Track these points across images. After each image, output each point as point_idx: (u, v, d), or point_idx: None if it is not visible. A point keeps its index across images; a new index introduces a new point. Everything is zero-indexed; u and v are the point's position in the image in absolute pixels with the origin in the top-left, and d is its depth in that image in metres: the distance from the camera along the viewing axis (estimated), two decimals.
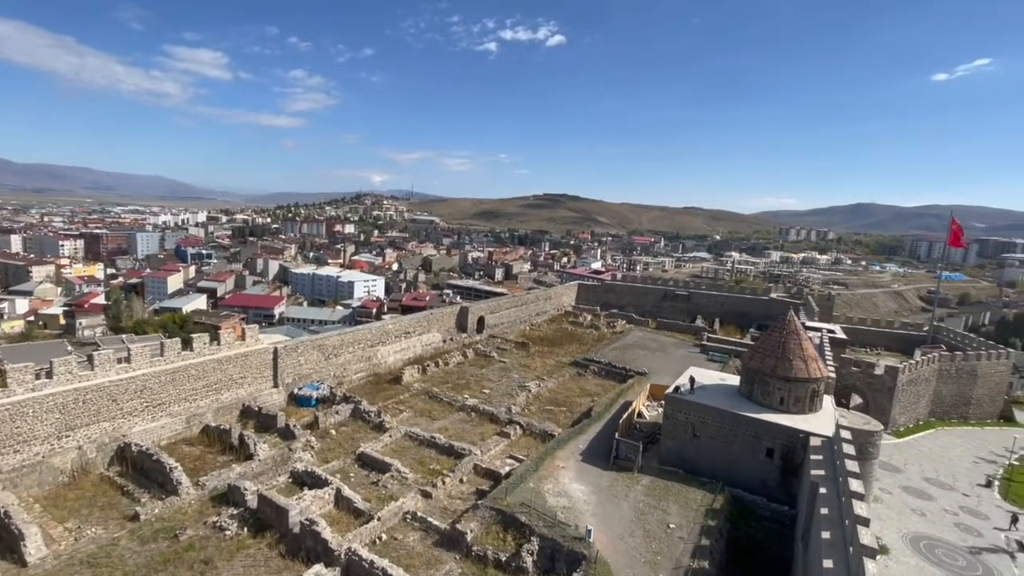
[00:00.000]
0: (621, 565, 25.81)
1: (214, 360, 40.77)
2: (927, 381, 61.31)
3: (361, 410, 43.27)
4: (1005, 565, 35.00)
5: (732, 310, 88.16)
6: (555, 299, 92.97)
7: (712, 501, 32.05)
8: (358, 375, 53.42)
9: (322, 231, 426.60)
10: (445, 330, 67.72)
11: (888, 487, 43.88)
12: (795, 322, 38.66)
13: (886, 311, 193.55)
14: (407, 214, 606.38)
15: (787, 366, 35.95)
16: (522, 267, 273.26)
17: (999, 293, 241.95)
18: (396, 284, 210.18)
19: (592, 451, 37.77)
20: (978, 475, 49.41)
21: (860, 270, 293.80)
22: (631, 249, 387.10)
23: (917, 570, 33.24)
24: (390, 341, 58.42)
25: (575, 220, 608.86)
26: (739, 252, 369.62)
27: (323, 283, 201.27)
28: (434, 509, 30.96)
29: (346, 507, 29.88)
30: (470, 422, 44.54)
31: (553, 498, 31.01)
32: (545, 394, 51.65)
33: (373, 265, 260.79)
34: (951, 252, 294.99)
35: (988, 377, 65.09)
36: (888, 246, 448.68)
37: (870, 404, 55.36)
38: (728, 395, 38.67)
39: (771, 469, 33.99)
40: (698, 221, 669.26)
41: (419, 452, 38.23)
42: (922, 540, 36.72)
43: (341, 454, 37.19)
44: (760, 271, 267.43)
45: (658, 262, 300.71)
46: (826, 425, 33.84)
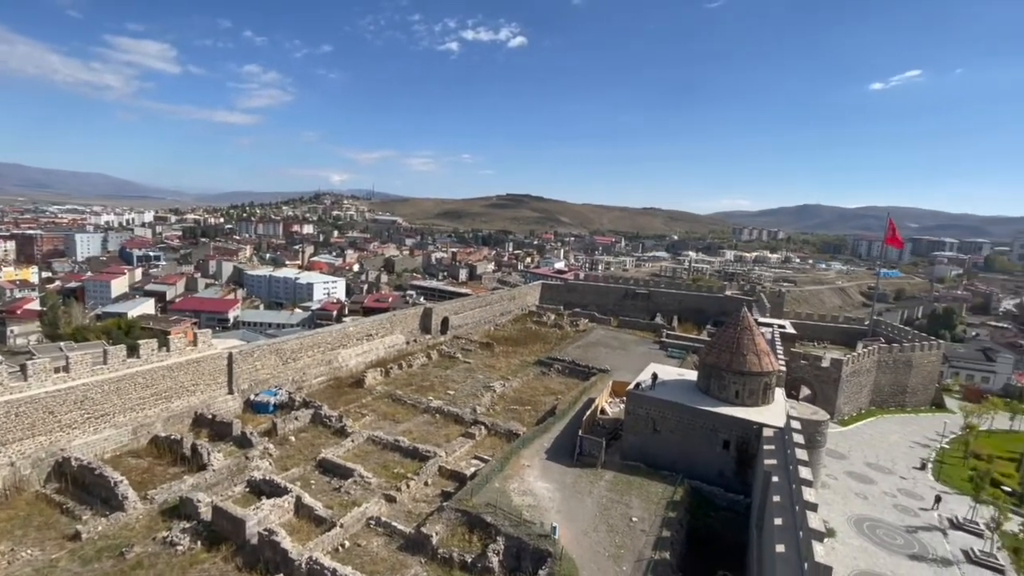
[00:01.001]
0: (586, 560, 26.24)
1: (163, 367, 38.85)
2: (868, 372, 65.18)
3: (322, 415, 42.20)
4: (938, 541, 37.67)
5: (690, 307, 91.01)
6: (519, 299, 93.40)
7: (672, 493, 33.02)
8: (318, 379, 52.07)
9: (279, 231, 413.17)
10: (408, 332, 66.91)
11: (834, 473, 46.38)
12: (748, 318, 40.31)
13: (831, 307, 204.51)
14: (368, 214, 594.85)
15: (741, 361, 37.45)
16: (486, 267, 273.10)
17: (930, 288, 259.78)
18: (357, 286, 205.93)
19: (557, 449, 38.19)
20: (914, 459, 52.96)
21: (807, 268, 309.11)
22: (593, 249, 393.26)
23: (861, 550, 35.29)
24: (351, 344, 57.23)
25: (538, 220, 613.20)
26: (696, 252, 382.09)
27: (280, 285, 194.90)
28: (399, 513, 30.57)
29: (307, 515, 29.10)
30: (435, 424, 44.19)
31: (519, 497, 31.18)
32: (510, 394, 51.83)
33: (333, 266, 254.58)
34: (888, 250, 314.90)
35: (922, 367, 69.85)
36: (832, 245, 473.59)
37: (817, 395, 58.36)
38: (686, 390, 39.93)
39: (727, 460, 35.32)
40: (657, 221, 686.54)
41: (382, 456, 37.63)
42: (865, 522, 39.02)
43: (301, 461, 36.16)
44: (716, 270, 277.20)
45: (619, 261, 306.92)
46: (778, 416, 35.43)
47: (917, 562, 34.68)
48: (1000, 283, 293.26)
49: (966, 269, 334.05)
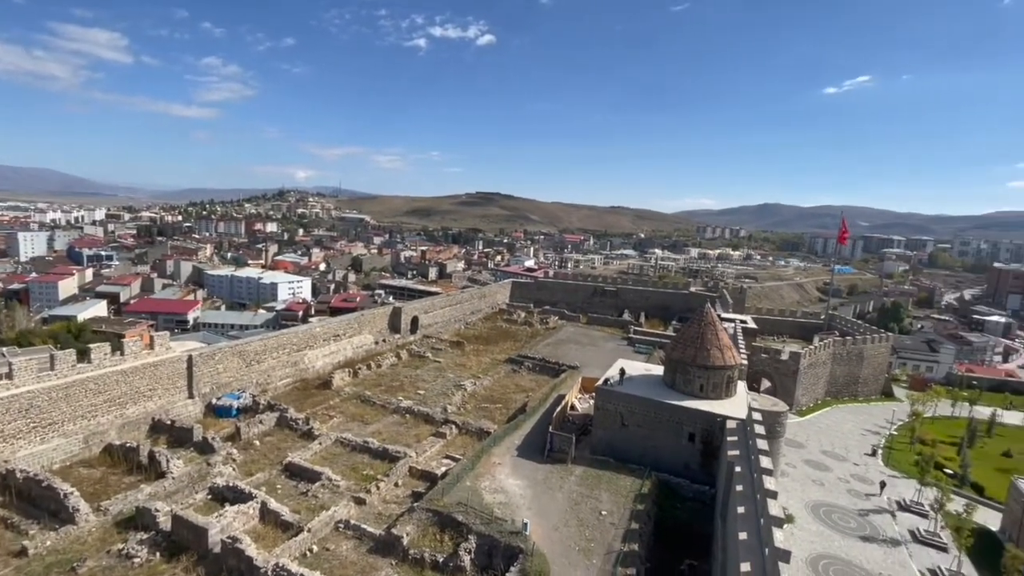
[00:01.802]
0: (557, 555, 26.58)
1: (117, 372, 37.15)
2: (824, 364, 68.15)
3: (288, 418, 41.24)
4: (887, 523, 39.82)
5: (656, 304, 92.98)
6: (489, 297, 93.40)
7: (640, 486, 33.77)
8: (284, 381, 50.81)
9: (241, 230, 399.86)
10: (377, 331, 66.00)
11: (793, 461, 48.36)
12: (711, 314, 41.53)
13: (790, 302, 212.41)
14: (335, 212, 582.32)
15: (705, 355, 38.57)
16: (456, 266, 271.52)
17: (880, 284, 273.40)
18: (324, 285, 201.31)
19: (527, 446, 38.47)
20: (865, 445, 55.73)
21: (768, 265, 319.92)
22: (563, 247, 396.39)
23: (817, 534, 36.96)
24: (318, 345, 56.05)
25: (508, 218, 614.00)
26: (662, 249, 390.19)
27: (243, 285, 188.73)
28: (368, 515, 30.21)
29: (273, 521, 28.41)
30: (405, 424, 43.81)
31: (490, 495, 31.28)
32: (481, 392, 51.84)
33: (298, 265, 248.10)
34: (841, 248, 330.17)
35: (873, 358, 73.52)
36: (791, 243, 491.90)
37: (777, 387, 60.64)
38: (653, 385, 40.86)
39: (693, 452, 36.35)
40: (625, 220, 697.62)
41: (351, 458, 37.07)
42: (821, 507, 40.86)
43: (266, 465, 35.26)
44: (681, 267, 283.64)
45: (588, 259, 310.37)
46: (740, 409, 36.66)
47: (868, 543, 36.57)
48: (942, 278, 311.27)
49: (912, 265, 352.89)
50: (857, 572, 33.06)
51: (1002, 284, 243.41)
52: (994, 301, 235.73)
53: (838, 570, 32.98)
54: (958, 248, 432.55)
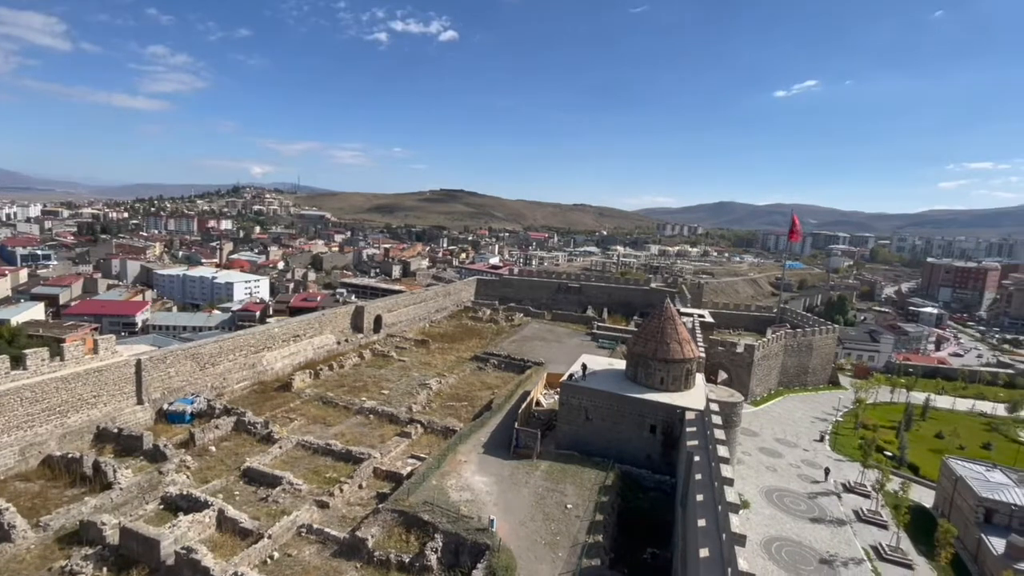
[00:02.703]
0: (523, 549, 26.85)
1: (57, 378, 34.99)
2: (776, 356, 71.38)
3: (246, 422, 39.91)
4: (834, 504, 42.23)
5: (618, 300, 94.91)
6: (454, 295, 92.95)
7: (604, 478, 34.49)
8: (241, 384, 49.10)
9: (194, 227, 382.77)
10: (339, 331, 64.62)
11: (748, 449, 50.52)
12: (671, 309, 42.77)
13: (744, 296, 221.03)
14: (293, 209, 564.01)
15: (665, 349, 39.70)
16: (420, 263, 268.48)
17: (827, 278, 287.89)
18: (283, 284, 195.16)
19: (493, 443, 38.63)
20: (814, 432, 58.82)
21: (724, 261, 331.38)
22: (527, 244, 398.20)
23: (771, 518, 38.81)
24: (277, 346, 54.42)
25: (472, 215, 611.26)
26: (623, 246, 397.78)
27: (196, 285, 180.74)
28: (332, 519, 29.66)
29: (231, 528, 27.48)
30: (369, 425, 43.16)
31: (456, 493, 31.26)
32: (446, 390, 51.63)
33: (255, 264, 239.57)
34: (792, 244, 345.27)
35: (820, 349, 77.53)
36: (745, 239, 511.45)
37: (733, 379, 63.09)
38: (616, 379, 41.76)
39: (654, 444, 37.40)
40: (587, 217, 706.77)
41: (313, 461, 36.25)
42: (774, 492, 42.91)
43: (223, 471, 34.05)
44: (642, 263, 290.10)
45: (552, 256, 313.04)
46: (698, 400, 37.96)
47: (817, 524, 38.71)
48: (883, 272, 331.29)
49: (856, 261, 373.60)
50: (807, 552, 34.92)
51: (935, 277, 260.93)
52: (927, 293, 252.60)
53: (790, 551, 34.74)
54: (896, 244, 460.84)
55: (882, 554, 35.91)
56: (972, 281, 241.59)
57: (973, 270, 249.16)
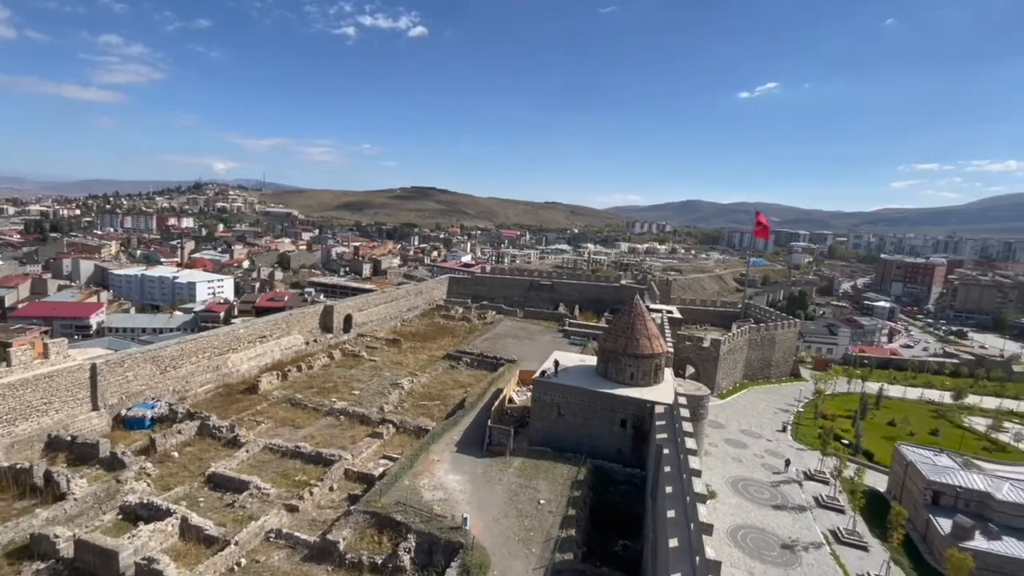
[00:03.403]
0: (497, 546, 26.98)
1: (3, 385, 33.15)
2: (741, 350, 73.61)
3: (210, 426, 38.75)
4: (796, 492, 43.94)
5: (589, 297, 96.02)
6: (426, 293, 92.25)
7: (577, 473, 34.93)
8: (205, 387, 47.57)
9: (152, 225, 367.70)
10: (308, 331, 63.29)
11: (715, 441, 52.03)
12: (640, 305, 43.57)
13: (711, 292, 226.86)
14: (259, 206, 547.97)
15: (635, 345, 40.43)
16: (391, 262, 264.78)
17: (789, 274, 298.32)
18: (248, 284, 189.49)
19: (466, 441, 38.61)
20: (777, 423, 61.00)
21: (691, 258, 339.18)
22: (499, 242, 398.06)
23: (737, 507, 40.10)
24: (243, 347, 52.93)
25: (444, 212, 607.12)
26: (594, 244, 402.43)
27: (156, 285, 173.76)
28: (302, 523, 29.13)
29: (195, 536, 26.66)
30: (339, 426, 42.51)
31: (429, 492, 31.14)
32: (419, 390, 51.29)
33: (219, 263, 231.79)
34: (756, 241, 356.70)
35: (783, 343, 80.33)
36: (711, 237, 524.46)
37: (700, 372, 64.78)
38: (587, 375, 42.29)
39: (625, 438, 38.07)
40: (559, 215, 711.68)
41: (282, 464, 35.49)
42: (740, 482, 44.34)
43: (187, 478, 32.98)
44: (612, 261, 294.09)
45: (524, 254, 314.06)
46: (667, 394, 38.83)
47: (779, 511, 40.21)
48: (840, 268, 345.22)
49: (815, 257, 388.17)
50: (770, 538, 36.26)
51: (888, 273, 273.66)
52: (881, 288, 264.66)
53: (754, 538, 36.00)
54: (852, 241, 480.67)
55: (840, 537, 37.61)
56: (921, 276, 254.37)
57: (922, 266, 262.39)
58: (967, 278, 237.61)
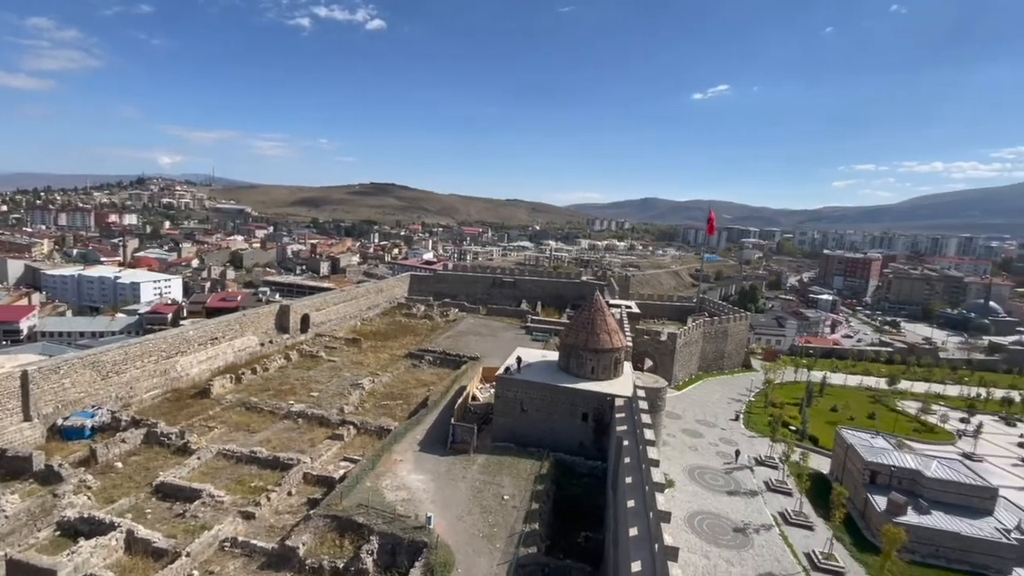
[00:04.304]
0: (461, 544, 27.01)
1: None
2: (696, 343, 76.27)
3: (158, 433, 36.93)
4: (748, 477, 45.99)
5: (551, 293, 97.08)
6: (387, 291, 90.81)
7: (540, 468, 35.33)
8: (151, 393, 45.24)
9: (91, 222, 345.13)
10: (263, 332, 61.16)
11: (673, 431, 53.76)
12: (600, 301, 44.44)
13: (668, 287, 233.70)
14: (209, 202, 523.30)
15: (596, 340, 41.22)
16: (350, 260, 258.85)
17: (740, 269, 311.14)
18: (198, 284, 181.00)
19: (430, 440, 38.39)
20: (730, 412, 63.63)
21: (648, 254, 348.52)
22: (461, 239, 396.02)
23: (693, 494, 41.62)
24: (193, 350, 50.62)
25: (404, 209, 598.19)
26: (556, 241, 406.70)
27: (95, 286, 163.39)
28: (258, 530, 28.23)
29: (143, 550, 25.41)
30: (297, 429, 41.37)
31: (392, 493, 30.80)
32: (380, 390, 50.53)
33: (165, 262, 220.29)
34: (709, 238, 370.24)
35: (735, 335, 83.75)
36: (667, 234, 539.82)
37: (658, 365, 66.73)
38: (550, 370, 42.81)
39: (586, 431, 38.80)
40: (521, 212, 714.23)
41: (236, 471, 34.25)
42: (696, 470, 46.03)
43: (132, 489, 31.33)
44: (573, 257, 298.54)
45: (487, 251, 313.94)
46: (627, 387, 39.79)
47: (733, 497, 42.03)
48: (787, 264, 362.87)
49: (764, 253, 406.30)
50: (724, 522, 37.87)
51: (830, 268, 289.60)
52: (824, 282, 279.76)
53: (710, 523, 37.51)
54: (798, 238, 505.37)
55: (788, 519, 39.71)
56: (859, 271, 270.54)
57: (860, 261, 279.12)
58: (900, 272, 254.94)
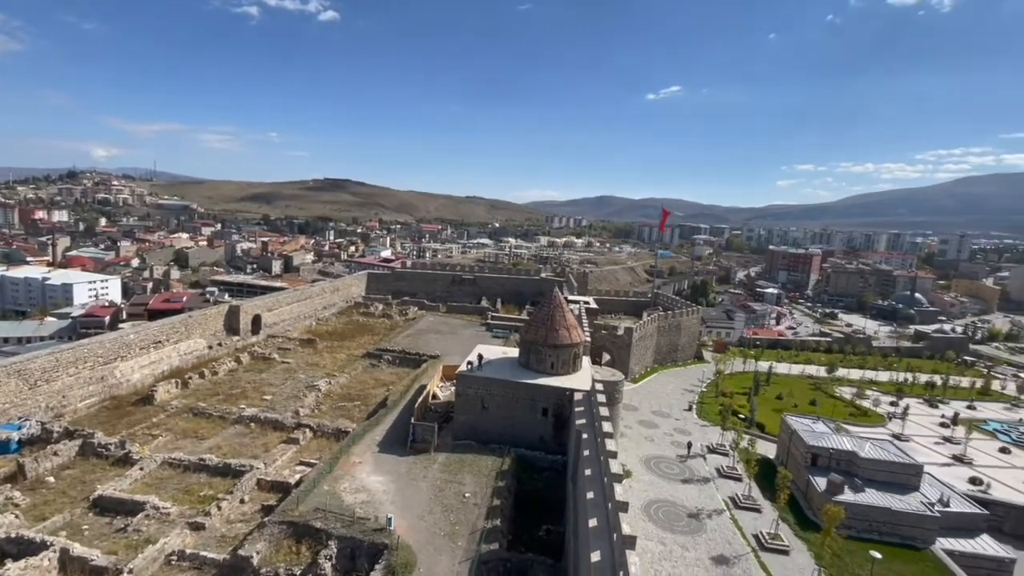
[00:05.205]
0: (423, 543, 26.87)
1: None
2: (651, 336, 78.55)
3: (95, 444, 34.74)
4: (701, 465, 47.85)
5: (511, 290, 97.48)
6: (343, 290, 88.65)
7: (501, 464, 35.58)
8: (87, 402, 42.46)
9: (14, 219, 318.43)
10: (211, 334, 58.47)
11: (629, 423, 55.21)
12: (559, 297, 45.08)
13: (624, 283, 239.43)
14: (150, 198, 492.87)
15: (555, 335, 41.82)
16: (304, 258, 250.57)
17: (692, 265, 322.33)
18: (139, 284, 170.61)
19: (389, 440, 37.90)
20: (684, 403, 65.91)
21: (605, 251, 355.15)
22: (420, 236, 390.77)
23: (650, 483, 42.93)
24: (133, 354, 47.81)
25: (360, 205, 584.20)
26: (515, 238, 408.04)
27: (20, 288, 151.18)
28: (209, 541, 27.11)
29: (79, 569, 23.89)
30: (250, 434, 39.90)
31: (351, 495, 30.25)
32: (337, 391, 49.40)
33: (102, 262, 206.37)
34: (663, 235, 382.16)
35: (688, 328, 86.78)
36: (623, 231, 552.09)
37: (615, 359, 68.30)
38: (510, 366, 43.12)
39: (546, 426, 39.35)
40: (480, 210, 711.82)
41: (184, 480, 32.71)
42: (652, 460, 47.49)
43: (67, 504, 29.37)
44: (532, 254, 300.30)
45: (446, 248, 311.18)
46: (585, 381, 40.58)
47: (687, 484, 43.65)
48: (736, 259, 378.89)
49: (715, 249, 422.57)
50: (679, 509, 39.30)
51: (775, 263, 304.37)
52: (770, 276, 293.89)
53: (666, 511, 38.83)
54: (746, 234, 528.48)
55: (738, 503, 41.61)
56: (801, 265, 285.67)
57: (802, 256, 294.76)
58: (837, 267, 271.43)
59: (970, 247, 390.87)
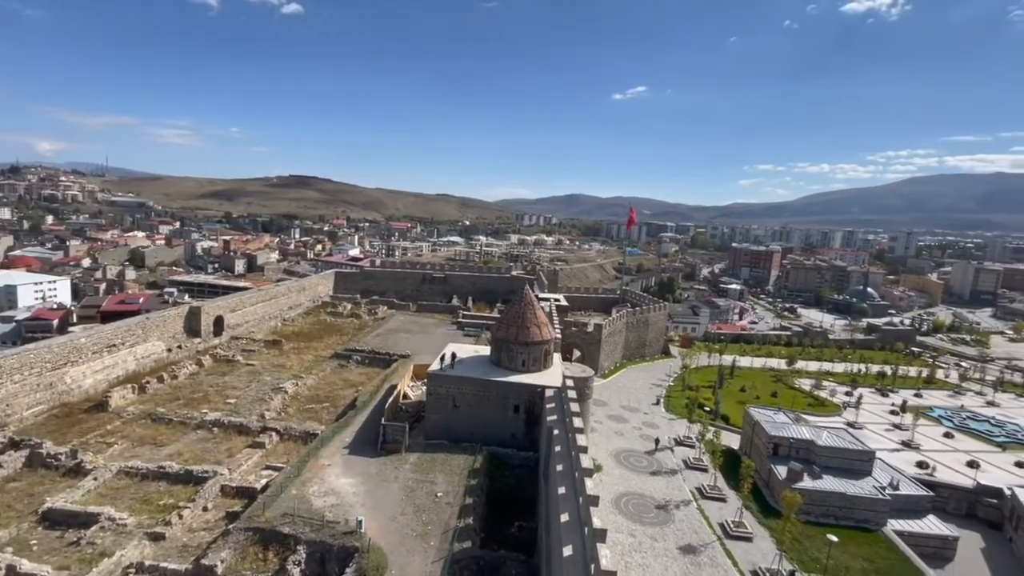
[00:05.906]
0: (394, 545, 26.63)
1: None
2: (620, 332, 79.90)
3: (43, 454, 33.01)
4: (669, 457, 49.04)
5: (482, 288, 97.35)
6: (310, 290, 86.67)
7: (473, 463, 35.56)
8: (34, 410, 40.22)
9: None
10: (170, 337, 56.23)
11: (600, 418, 56.07)
12: (530, 295, 45.34)
13: (593, 280, 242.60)
14: (102, 195, 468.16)
15: (526, 333, 42.05)
16: (269, 257, 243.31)
17: (659, 262, 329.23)
18: (91, 285, 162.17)
19: (359, 442, 37.37)
20: (652, 397, 67.39)
21: (575, 249, 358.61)
22: (389, 235, 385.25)
23: (620, 477, 43.74)
24: (85, 359, 45.52)
25: (327, 202, 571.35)
26: (486, 236, 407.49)
27: None
28: (170, 551, 26.15)
29: None
30: (213, 439, 38.64)
31: (320, 499, 29.70)
32: (304, 393, 48.34)
33: (49, 262, 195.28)
34: (630, 233, 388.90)
35: (655, 324, 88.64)
36: (592, 229, 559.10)
37: (585, 355, 69.22)
38: (482, 365, 43.11)
39: (518, 423, 39.54)
40: (450, 207, 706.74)
41: (142, 489, 31.42)
42: (622, 453, 48.39)
43: (13, 519, 27.82)
44: (503, 252, 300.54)
45: (416, 247, 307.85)
46: (556, 378, 40.94)
47: (655, 476, 44.69)
48: (701, 256, 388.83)
49: (680, 246, 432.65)
50: (648, 501, 40.21)
51: (738, 259, 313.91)
52: (733, 273, 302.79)
53: (636, 503, 39.65)
54: (710, 232, 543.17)
55: (704, 493, 42.88)
56: (763, 262, 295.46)
57: (763, 253, 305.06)
58: (796, 263, 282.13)
59: (916, 244, 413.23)
